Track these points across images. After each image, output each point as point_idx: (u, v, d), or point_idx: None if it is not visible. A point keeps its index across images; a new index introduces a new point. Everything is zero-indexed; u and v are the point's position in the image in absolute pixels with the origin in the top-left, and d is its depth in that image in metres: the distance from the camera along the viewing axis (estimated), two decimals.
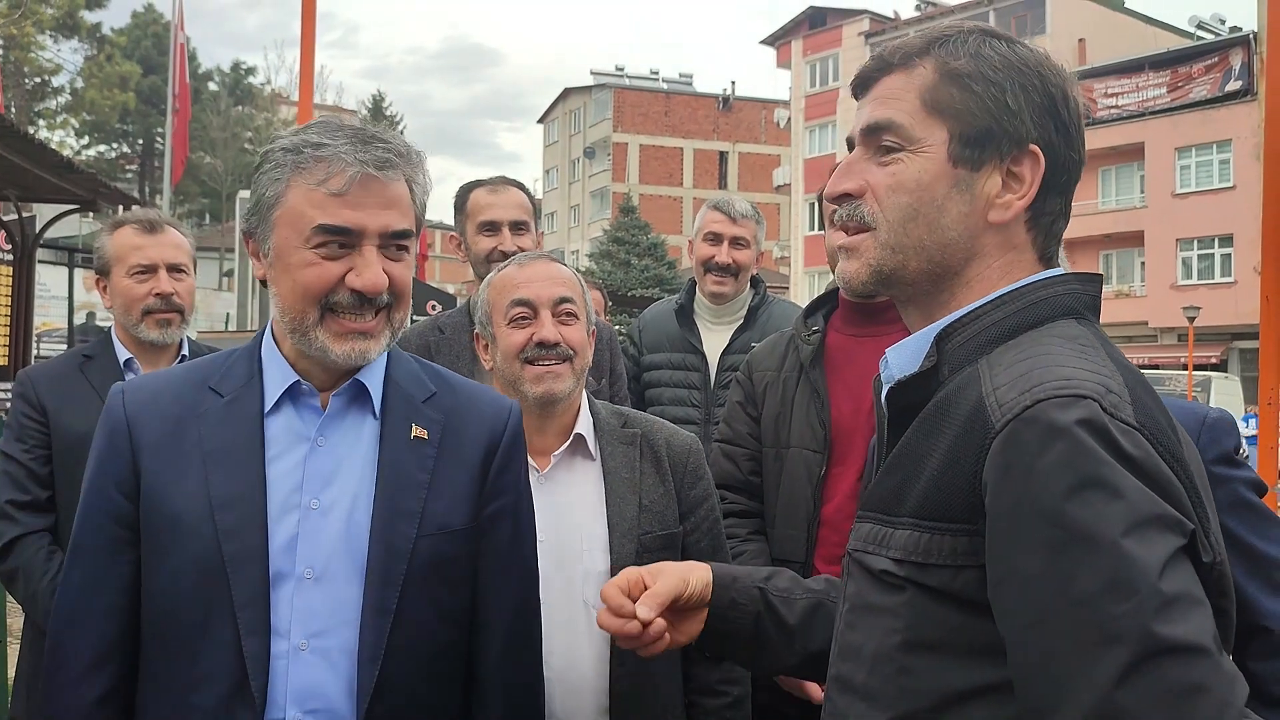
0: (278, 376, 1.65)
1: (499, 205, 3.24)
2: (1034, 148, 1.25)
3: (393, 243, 1.62)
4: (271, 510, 1.59)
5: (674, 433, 2.31)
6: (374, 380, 1.68)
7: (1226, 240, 32.15)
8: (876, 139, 1.30)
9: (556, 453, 2.18)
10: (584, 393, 2.28)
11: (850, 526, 2.54)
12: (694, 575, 1.61)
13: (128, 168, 48.06)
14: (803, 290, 42.04)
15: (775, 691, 2.47)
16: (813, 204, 43.71)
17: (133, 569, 1.60)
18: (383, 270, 1.60)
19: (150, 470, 1.60)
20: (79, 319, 18.64)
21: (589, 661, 2.08)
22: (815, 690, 2.39)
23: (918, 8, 43.92)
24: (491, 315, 2.24)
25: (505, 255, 3.18)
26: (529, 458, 2.14)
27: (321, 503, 1.62)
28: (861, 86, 1.35)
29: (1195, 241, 32.89)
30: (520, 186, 3.36)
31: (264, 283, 1.69)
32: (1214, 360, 31.06)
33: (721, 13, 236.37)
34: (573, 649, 2.08)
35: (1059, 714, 1.00)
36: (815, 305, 2.77)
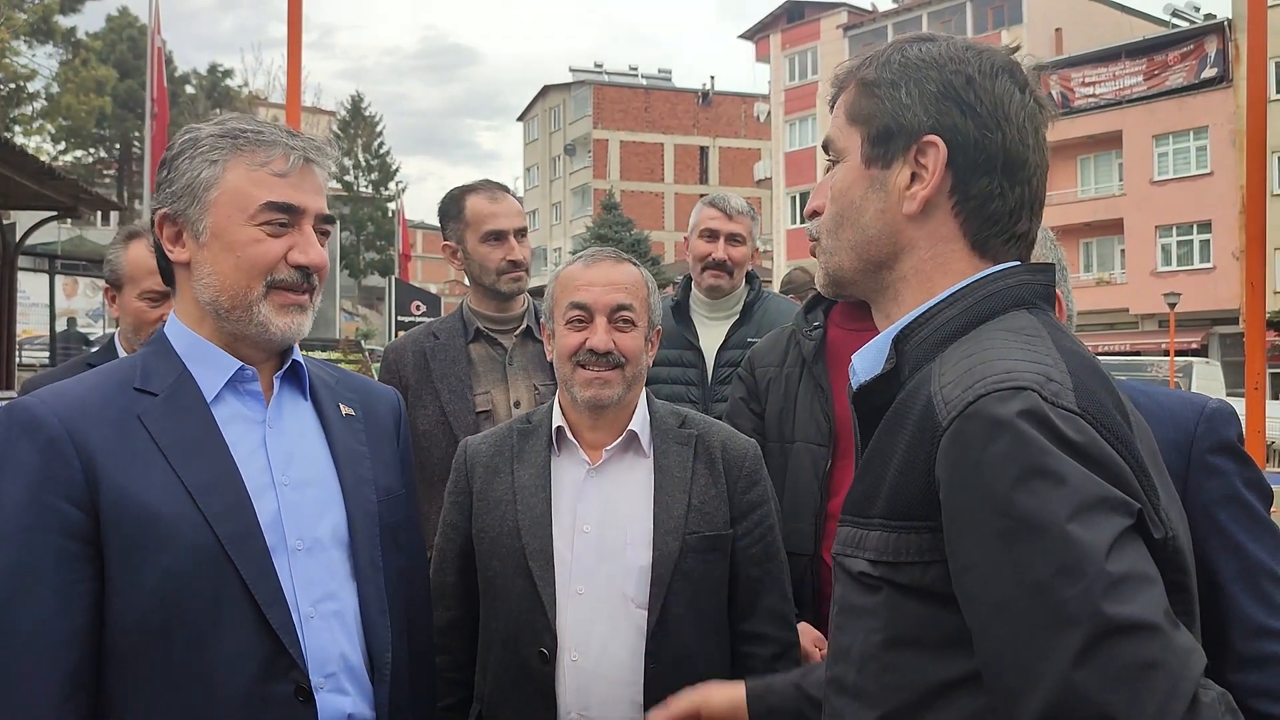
0: (212, 365, 1.67)
1: (503, 214, 3.23)
2: (931, 137, 1.28)
3: (322, 225, 1.73)
4: (250, 491, 1.63)
5: (731, 435, 2.32)
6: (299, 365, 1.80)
7: (1205, 226, 32.37)
8: (828, 155, 1.41)
9: (608, 448, 2.21)
10: (643, 391, 2.30)
11: None
12: (718, 693, 1.79)
13: (105, 172, 47.66)
14: None
15: None
16: (794, 198, 43.77)
17: (93, 586, 1.53)
18: None
19: (109, 472, 1.54)
20: (60, 325, 18.53)
21: (625, 654, 2.10)
22: None
23: (894, 0, 44.00)
24: (553, 311, 2.27)
25: (516, 265, 3.19)
26: (581, 451, 2.21)
27: (292, 480, 1.69)
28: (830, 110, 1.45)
29: (1174, 228, 33.11)
30: (510, 191, 3.39)
31: (170, 267, 1.71)
32: (1195, 345, 31.27)
33: (699, 8, 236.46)
34: (610, 640, 2.10)
35: (1024, 698, 1.03)
36: (816, 300, 2.78)
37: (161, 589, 1.52)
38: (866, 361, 1.35)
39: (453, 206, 3.31)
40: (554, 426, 2.24)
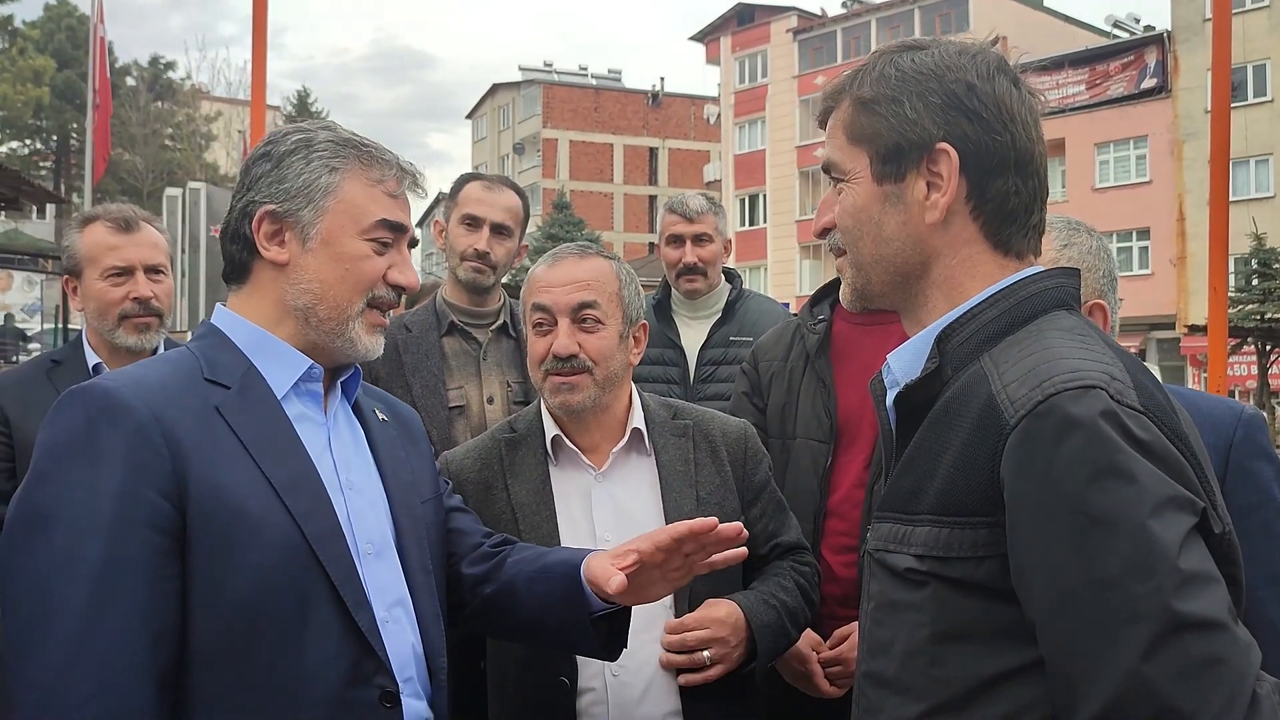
0: (281, 362, 1.62)
1: (487, 203, 3.22)
2: (942, 145, 1.30)
3: (409, 248, 1.73)
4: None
5: (725, 420, 2.28)
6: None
7: (1144, 233, 33.08)
8: (830, 174, 1.42)
9: (615, 450, 2.14)
10: (633, 386, 2.23)
11: (858, 514, 2.56)
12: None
13: (42, 164, 46.61)
14: None
15: (786, 687, 2.47)
16: (743, 200, 43.98)
17: (179, 585, 1.44)
18: None
19: (197, 464, 1.46)
20: None
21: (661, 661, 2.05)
22: (826, 685, 2.40)
23: (844, 5, 44.40)
24: (524, 314, 2.20)
25: (479, 255, 3.16)
26: (583, 458, 2.14)
27: (354, 483, 1.65)
28: (822, 126, 1.47)
29: (1114, 235, 33.77)
30: (519, 192, 3.33)
31: (248, 262, 1.65)
32: (1134, 349, 31.91)
33: (650, 10, 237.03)
34: (644, 649, 2.03)
35: (1090, 689, 1.06)
36: (821, 294, 2.78)
37: (250, 588, 1.45)
38: (904, 362, 1.36)
39: (454, 186, 3.33)
40: (549, 436, 2.17)
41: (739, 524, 1.73)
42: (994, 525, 1.15)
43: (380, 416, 1.80)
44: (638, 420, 2.18)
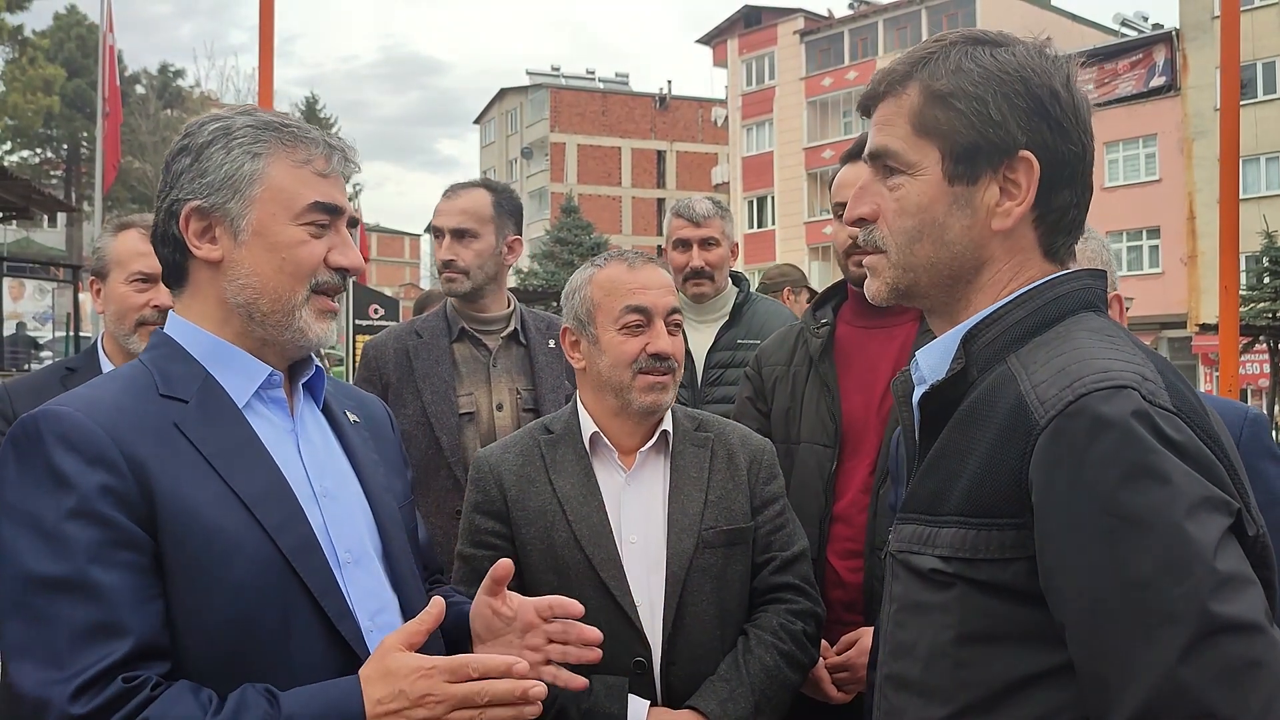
0: (239, 371, 1.55)
1: (444, 212, 3.21)
2: (1025, 153, 1.26)
3: (349, 228, 1.65)
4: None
5: (747, 433, 2.32)
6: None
7: (1154, 232, 32.94)
8: (881, 162, 1.34)
9: (642, 450, 2.18)
10: None
11: (863, 519, 2.55)
12: None
13: (52, 173, 46.78)
14: None
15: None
16: (751, 202, 43.94)
17: (164, 605, 1.39)
18: None
19: (164, 485, 1.40)
20: (8, 329, 18.10)
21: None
22: (834, 690, 2.39)
23: (851, 6, 44.35)
24: (595, 316, 2.17)
25: (446, 265, 3.16)
26: (617, 457, 2.18)
27: (329, 490, 1.59)
28: (864, 110, 1.40)
29: (1124, 234, 33.67)
30: (491, 187, 3.27)
31: (183, 264, 1.57)
32: None
33: (657, 13, 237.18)
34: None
35: (1124, 693, 1.04)
36: (824, 297, 2.77)
37: (232, 606, 1.40)
38: (933, 361, 1.34)
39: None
40: (587, 434, 2.19)
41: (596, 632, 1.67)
42: (1022, 527, 1.14)
43: (351, 418, 1.74)
44: (668, 424, 2.22)
